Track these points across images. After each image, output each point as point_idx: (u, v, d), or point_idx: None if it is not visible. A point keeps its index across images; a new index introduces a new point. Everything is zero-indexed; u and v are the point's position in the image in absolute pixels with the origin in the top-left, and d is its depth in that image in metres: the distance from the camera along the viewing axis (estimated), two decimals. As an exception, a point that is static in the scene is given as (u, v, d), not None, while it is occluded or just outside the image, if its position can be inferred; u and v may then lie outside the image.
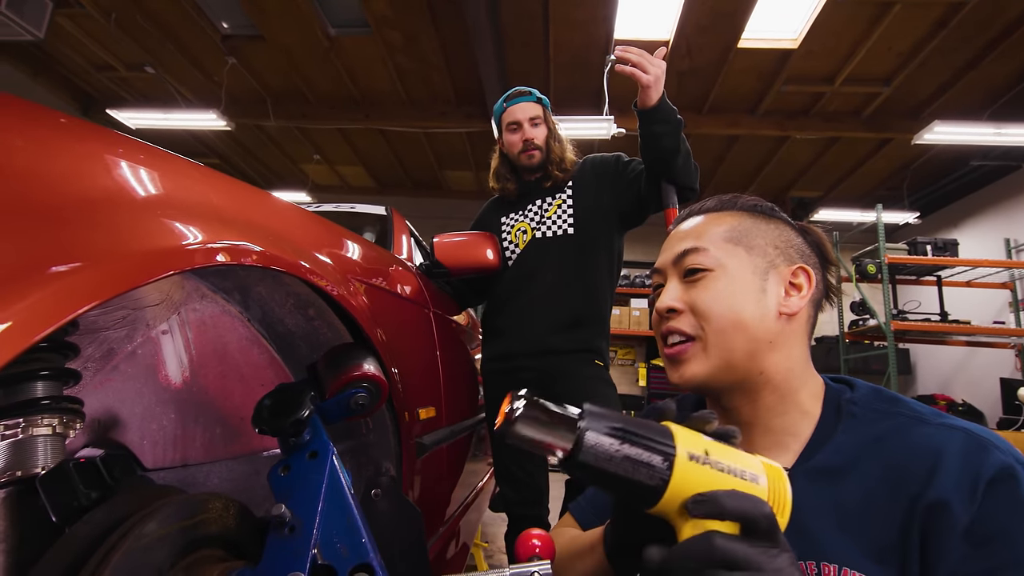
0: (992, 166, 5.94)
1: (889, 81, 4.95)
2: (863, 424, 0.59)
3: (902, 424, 0.57)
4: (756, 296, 0.62)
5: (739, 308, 0.61)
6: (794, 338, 0.63)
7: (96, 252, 0.42)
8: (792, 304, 0.63)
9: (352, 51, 5.03)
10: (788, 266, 0.64)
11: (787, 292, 0.63)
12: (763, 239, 0.65)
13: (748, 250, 0.64)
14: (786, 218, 0.69)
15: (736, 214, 0.68)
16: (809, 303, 0.64)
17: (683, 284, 0.66)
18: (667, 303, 0.65)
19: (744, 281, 0.63)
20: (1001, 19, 4.13)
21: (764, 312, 0.62)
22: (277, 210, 0.74)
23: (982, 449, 0.52)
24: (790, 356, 0.62)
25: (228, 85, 5.41)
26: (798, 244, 0.66)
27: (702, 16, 4.25)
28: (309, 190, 7.60)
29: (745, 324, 0.61)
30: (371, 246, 1.08)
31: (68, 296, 0.38)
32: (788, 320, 0.62)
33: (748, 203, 0.69)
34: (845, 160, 6.43)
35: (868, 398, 0.62)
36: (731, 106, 5.51)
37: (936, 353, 6.63)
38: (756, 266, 0.63)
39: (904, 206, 6.88)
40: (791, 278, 0.64)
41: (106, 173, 0.48)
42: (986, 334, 5.23)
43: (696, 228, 0.68)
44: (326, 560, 0.54)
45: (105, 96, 6.04)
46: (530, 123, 1.65)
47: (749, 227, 0.66)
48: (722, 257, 0.64)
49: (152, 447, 0.85)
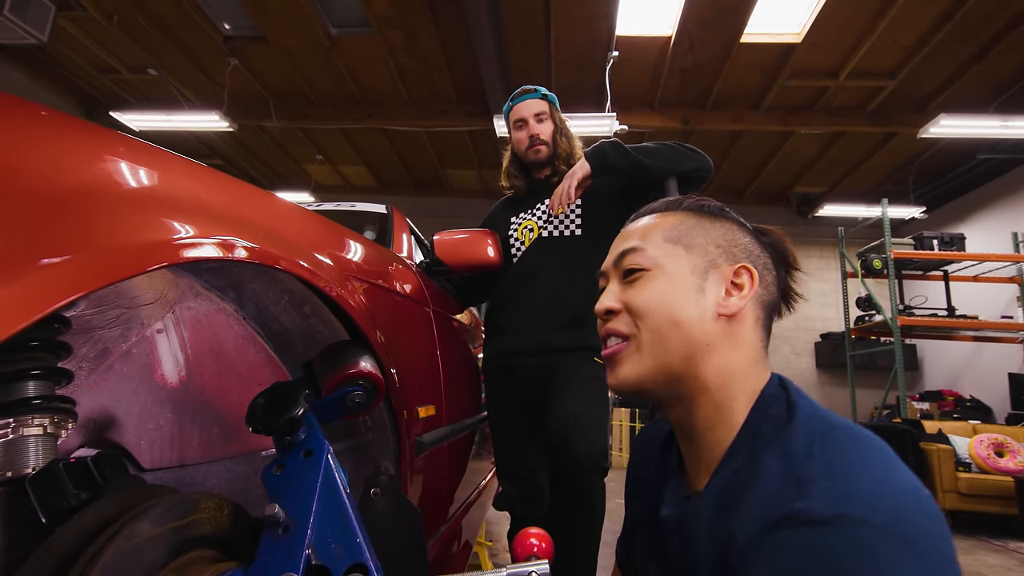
0: (999, 159, 5.88)
1: (894, 75, 4.91)
2: (758, 449, 0.52)
3: (771, 457, 0.50)
4: (694, 295, 0.60)
5: (675, 307, 0.60)
6: (735, 341, 0.60)
7: (83, 244, 0.41)
8: (731, 304, 0.60)
9: (353, 51, 5.03)
10: (730, 265, 0.62)
11: (728, 292, 0.61)
12: (704, 238, 0.63)
13: (688, 249, 0.63)
14: (736, 218, 0.67)
15: (680, 214, 0.67)
16: (756, 304, 0.61)
17: (622, 285, 0.65)
18: (604, 304, 0.65)
19: (681, 280, 0.61)
20: (1007, 11, 4.09)
21: (702, 312, 0.59)
22: (271, 207, 0.73)
23: (799, 484, 0.45)
24: (729, 360, 0.59)
25: (230, 86, 5.42)
26: (744, 244, 0.64)
27: (704, 11, 4.23)
28: (312, 190, 7.61)
29: (681, 323, 0.59)
30: (369, 244, 1.08)
31: (52, 287, 0.37)
32: (728, 321, 0.60)
33: (694, 203, 0.68)
34: (850, 155, 6.38)
35: (779, 414, 0.54)
36: (734, 101, 5.48)
37: (943, 348, 6.58)
38: (695, 265, 0.62)
39: (910, 201, 6.83)
40: (733, 277, 0.61)
41: (95, 167, 0.48)
42: (994, 329, 5.18)
43: (639, 229, 0.67)
44: (320, 560, 0.54)
45: (108, 98, 6.06)
46: (535, 119, 1.66)
47: (691, 226, 0.64)
48: (660, 256, 0.63)
49: (149, 447, 0.85)
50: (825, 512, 0.42)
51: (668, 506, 0.63)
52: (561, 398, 1.43)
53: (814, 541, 0.41)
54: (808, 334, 7.57)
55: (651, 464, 0.73)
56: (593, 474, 1.34)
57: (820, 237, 7.59)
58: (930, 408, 5.77)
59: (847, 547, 0.40)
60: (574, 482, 1.34)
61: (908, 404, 5.05)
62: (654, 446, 0.74)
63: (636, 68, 4.91)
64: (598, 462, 1.35)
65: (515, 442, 1.55)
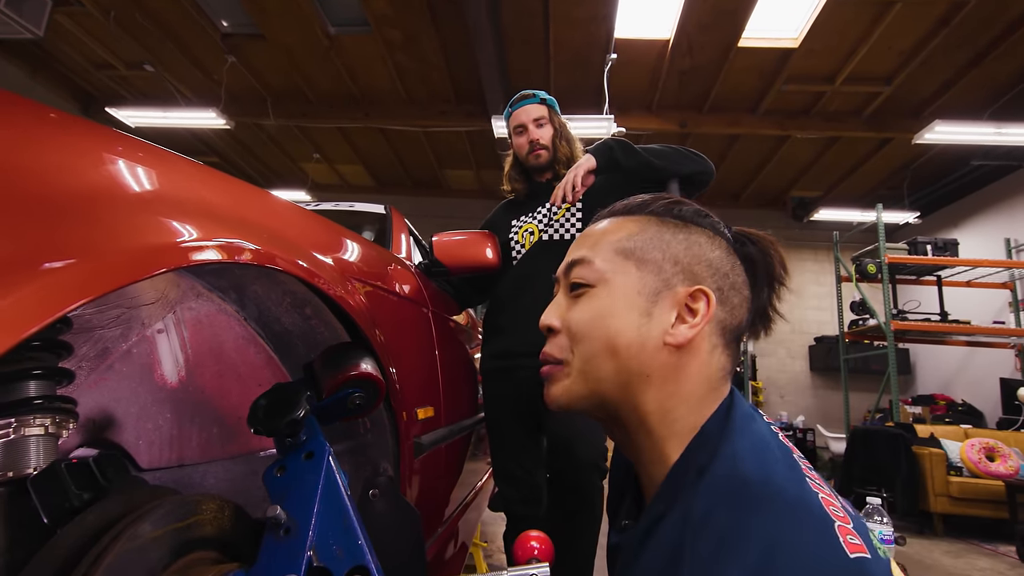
0: (993, 166, 5.93)
1: (890, 80, 4.94)
2: (694, 484, 0.48)
3: (708, 496, 0.46)
4: (637, 320, 0.54)
5: (614, 333, 0.54)
6: (681, 373, 0.53)
7: (88, 248, 0.41)
8: (680, 333, 0.53)
9: (352, 50, 5.02)
10: (686, 286, 0.54)
11: (680, 318, 0.54)
12: (662, 252, 0.56)
13: (639, 265, 0.56)
14: (713, 226, 0.59)
15: (641, 220, 0.59)
16: (714, 331, 0.54)
17: (567, 299, 0.59)
18: (547, 321, 0.59)
19: (626, 301, 0.54)
20: (1004, 17, 4.12)
21: (644, 340, 0.53)
22: (273, 208, 0.73)
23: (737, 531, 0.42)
24: (672, 394, 0.53)
25: (228, 83, 5.40)
26: (712, 259, 0.56)
27: (703, 14, 4.24)
28: (309, 189, 7.59)
29: (618, 351, 0.53)
30: (369, 245, 1.08)
31: (58, 292, 0.37)
32: (675, 351, 0.53)
33: (662, 206, 0.59)
34: (845, 159, 6.42)
35: (706, 485, 0.47)
36: (732, 105, 5.50)
37: (936, 353, 6.63)
38: (645, 284, 0.55)
39: (904, 206, 6.87)
40: (688, 301, 0.54)
41: (99, 169, 0.48)
42: (986, 334, 5.22)
43: (592, 236, 0.60)
44: (322, 562, 0.54)
45: (105, 94, 6.03)
46: (535, 124, 1.67)
47: (650, 237, 0.57)
48: (607, 271, 0.56)
49: (148, 447, 0.84)
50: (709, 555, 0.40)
51: (613, 533, 0.61)
52: None
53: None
54: (803, 337, 7.61)
55: (617, 481, 0.69)
56: (594, 474, 1.37)
57: (815, 241, 7.63)
58: (922, 412, 5.80)
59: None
60: (576, 481, 1.37)
61: (901, 408, 5.08)
62: (621, 462, 0.70)
63: (634, 70, 4.93)
64: (598, 463, 1.37)
65: (513, 443, 1.56)
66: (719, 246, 0.57)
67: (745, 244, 0.60)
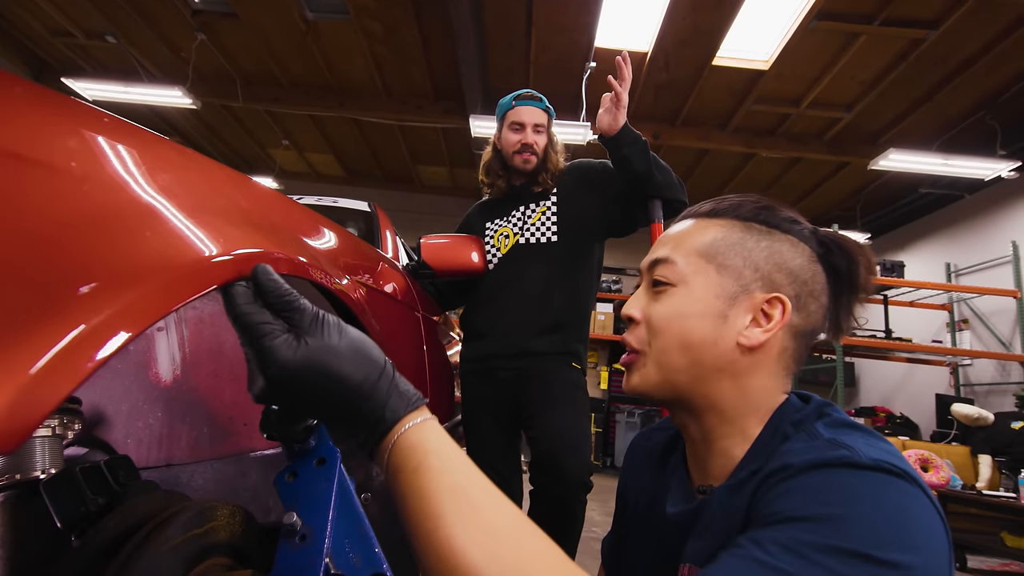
0: (939, 194, 6.32)
1: (851, 107, 5.20)
2: (787, 443, 0.54)
3: (800, 440, 0.53)
4: (713, 322, 0.57)
5: (690, 331, 0.58)
6: (754, 370, 0.57)
7: (160, 263, 0.42)
8: (753, 336, 0.56)
9: (329, 37, 4.92)
10: (764, 293, 0.57)
11: (755, 322, 0.57)
12: (743, 258, 0.58)
13: (719, 269, 0.59)
14: (801, 232, 0.61)
15: (726, 223, 0.61)
16: (787, 335, 0.58)
17: (649, 293, 0.63)
18: (628, 311, 0.63)
19: (704, 304, 0.58)
20: (956, 56, 4.40)
21: (718, 339, 0.57)
22: (291, 211, 0.72)
23: (836, 447, 0.47)
24: (744, 387, 0.57)
25: (196, 62, 5.20)
26: (793, 267, 0.58)
27: (682, 31, 4.36)
28: (276, 176, 7.38)
29: (692, 348, 0.57)
30: (368, 247, 1.07)
31: (145, 305, 0.38)
32: (748, 351, 0.57)
33: (749, 211, 0.62)
34: (806, 180, 6.71)
35: (806, 415, 0.56)
36: (703, 120, 5.67)
37: (879, 368, 7.01)
38: (724, 289, 0.58)
39: (857, 227, 7.23)
40: (764, 307, 0.57)
41: (165, 179, 0.47)
42: (925, 352, 5.56)
43: (677, 235, 0.64)
44: (339, 569, 0.54)
45: (61, 64, 5.71)
46: (534, 129, 1.66)
47: (733, 242, 0.59)
48: (689, 274, 0.59)
49: (136, 446, 0.82)
50: (868, 460, 0.44)
51: (673, 504, 0.63)
52: (549, 411, 1.45)
53: (859, 479, 0.44)
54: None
55: (648, 468, 0.73)
56: (581, 492, 1.38)
57: (773, 255, 7.92)
58: (864, 423, 6.12)
59: (895, 489, 0.43)
60: (562, 497, 1.37)
61: (846, 419, 5.35)
62: (652, 451, 0.75)
63: (612, 80, 5.01)
64: (585, 480, 1.39)
65: (491, 445, 1.57)
66: (802, 253, 0.59)
67: (831, 251, 0.60)
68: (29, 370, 0.30)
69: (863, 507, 0.42)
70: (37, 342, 0.31)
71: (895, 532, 0.41)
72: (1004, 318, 5.61)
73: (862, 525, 0.41)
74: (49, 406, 0.30)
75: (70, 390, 0.31)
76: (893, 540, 0.41)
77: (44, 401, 0.30)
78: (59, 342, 0.31)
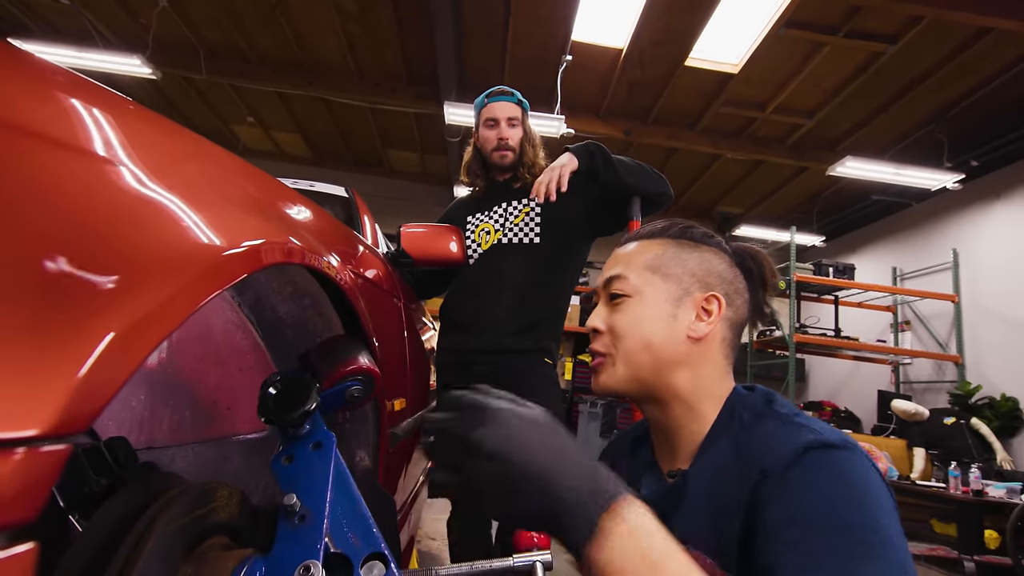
0: (889, 201, 6.65)
1: (812, 114, 5.41)
2: (745, 425, 0.65)
3: (765, 423, 0.63)
4: (666, 322, 0.69)
5: (649, 332, 0.69)
6: (703, 358, 0.69)
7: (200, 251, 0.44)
8: (699, 329, 0.69)
9: (300, 12, 4.77)
10: (702, 293, 0.70)
11: (698, 317, 0.69)
12: (681, 267, 0.71)
13: (664, 278, 0.71)
14: (717, 244, 0.75)
15: (663, 242, 0.74)
16: (724, 326, 0.71)
17: (607, 307, 0.74)
18: (593, 324, 0.74)
19: (656, 307, 0.70)
20: (911, 71, 4.63)
21: (672, 335, 0.69)
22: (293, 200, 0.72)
23: (802, 429, 0.59)
24: (698, 374, 0.69)
25: (156, 30, 4.95)
26: (719, 271, 0.72)
27: (656, 31, 4.43)
28: (240, 154, 7.08)
29: (652, 346, 0.68)
30: (354, 234, 1.08)
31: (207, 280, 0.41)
32: (696, 342, 0.69)
33: (678, 231, 0.75)
34: (767, 182, 6.95)
35: (755, 402, 0.67)
36: (673, 119, 5.78)
37: (827, 364, 7.36)
38: (670, 293, 0.70)
39: (813, 229, 7.55)
40: (704, 304, 0.70)
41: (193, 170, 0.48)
42: (870, 351, 5.88)
43: (626, 255, 0.75)
44: (338, 548, 0.56)
45: (6, 22, 5.34)
46: (508, 123, 1.68)
47: (672, 256, 0.72)
48: (640, 285, 0.71)
49: (117, 428, 0.81)
50: (835, 441, 0.56)
51: (646, 487, 0.73)
52: None
53: (833, 458, 0.55)
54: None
55: (617, 465, 0.81)
56: None
57: (734, 254, 8.18)
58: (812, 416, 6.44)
59: (853, 463, 0.55)
60: None
61: (795, 412, 5.62)
62: (621, 449, 0.85)
63: (587, 75, 5.05)
64: None
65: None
66: (723, 260, 0.73)
67: (744, 258, 0.75)
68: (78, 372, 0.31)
69: (852, 489, 0.53)
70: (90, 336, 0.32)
71: (872, 500, 0.53)
72: (942, 321, 5.98)
73: (851, 503, 0.52)
74: (105, 398, 0.31)
75: (125, 379, 0.33)
76: (870, 506, 0.52)
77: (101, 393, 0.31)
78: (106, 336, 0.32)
